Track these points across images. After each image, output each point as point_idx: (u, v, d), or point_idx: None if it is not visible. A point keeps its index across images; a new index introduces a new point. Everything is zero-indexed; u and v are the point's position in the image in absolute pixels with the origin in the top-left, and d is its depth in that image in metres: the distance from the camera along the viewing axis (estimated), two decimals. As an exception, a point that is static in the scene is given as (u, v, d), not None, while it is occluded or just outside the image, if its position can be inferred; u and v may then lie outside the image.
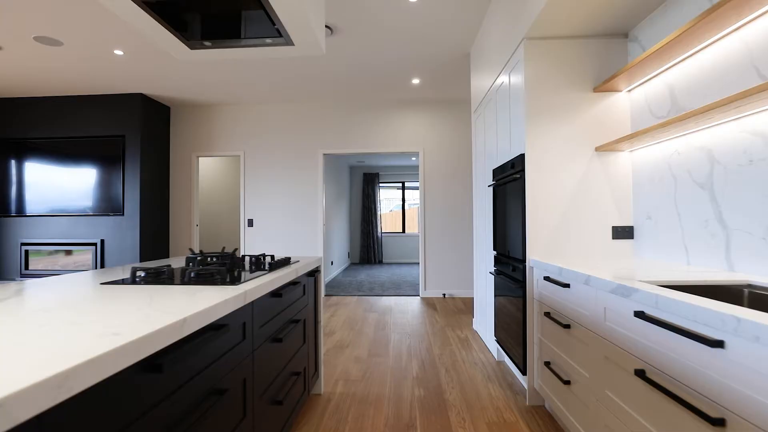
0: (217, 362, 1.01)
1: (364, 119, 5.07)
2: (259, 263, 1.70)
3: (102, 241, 4.69)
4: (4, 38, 3.30)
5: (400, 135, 5.06)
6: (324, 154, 5.10)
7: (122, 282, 1.27)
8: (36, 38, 3.29)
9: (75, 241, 4.72)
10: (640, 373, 1.09)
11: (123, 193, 4.66)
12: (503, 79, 2.48)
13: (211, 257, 1.64)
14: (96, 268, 4.70)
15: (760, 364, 0.74)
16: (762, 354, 0.74)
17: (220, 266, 1.38)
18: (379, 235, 9.09)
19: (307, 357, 1.96)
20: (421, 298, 4.95)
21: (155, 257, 4.96)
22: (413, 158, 8.37)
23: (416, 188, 9.36)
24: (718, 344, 0.83)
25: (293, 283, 1.70)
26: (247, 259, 2.20)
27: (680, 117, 1.44)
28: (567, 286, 1.60)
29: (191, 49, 2.20)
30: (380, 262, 9.09)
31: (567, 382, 1.60)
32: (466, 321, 3.78)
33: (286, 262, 1.81)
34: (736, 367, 0.80)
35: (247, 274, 1.44)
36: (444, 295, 4.96)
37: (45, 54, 3.59)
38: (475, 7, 2.85)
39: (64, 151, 4.72)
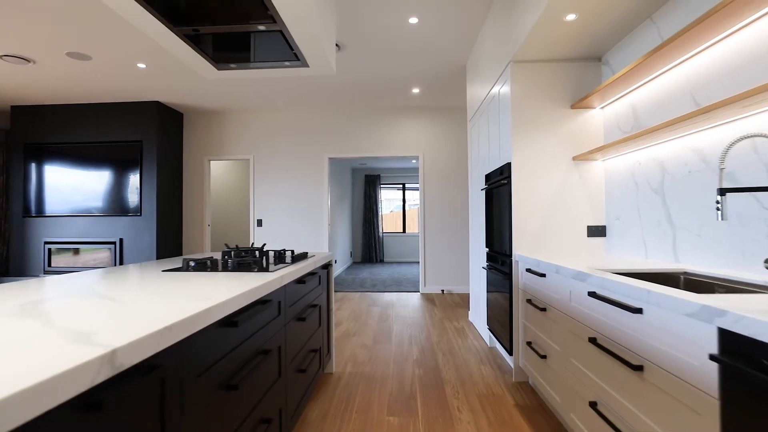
0: (263, 329, 1.31)
1: (367, 125, 5.37)
2: (281, 256, 2.00)
3: (121, 240, 4.99)
4: (38, 53, 3.60)
5: (401, 140, 5.36)
6: (329, 158, 5.40)
7: (179, 270, 1.57)
8: (68, 54, 3.59)
9: (95, 240, 5.01)
10: (593, 340, 1.39)
11: (140, 194, 4.96)
12: (494, 93, 2.78)
13: (244, 251, 1.94)
14: (115, 266, 4.99)
15: (662, 322, 1.04)
16: (665, 316, 1.04)
17: (254, 258, 1.68)
18: (381, 234, 9.38)
19: (322, 338, 2.25)
20: (421, 293, 5.25)
21: (170, 255, 5.25)
22: (413, 161, 8.68)
23: (416, 189, 9.65)
24: (638, 311, 1.13)
25: (312, 273, 2.00)
26: (271, 253, 2.49)
27: (637, 134, 1.73)
28: (543, 275, 1.90)
29: (218, 69, 2.51)
30: (381, 261, 9.39)
31: (543, 357, 1.90)
32: (463, 314, 4.08)
33: (304, 256, 2.10)
34: (650, 327, 1.10)
35: (276, 264, 1.73)
36: (442, 291, 5.26)
37: (74, 67, 3.89)
38: (469, 27, 3.15)
39: (84, 155, 5.01)
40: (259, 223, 5.43)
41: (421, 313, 4.12)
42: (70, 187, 5.03)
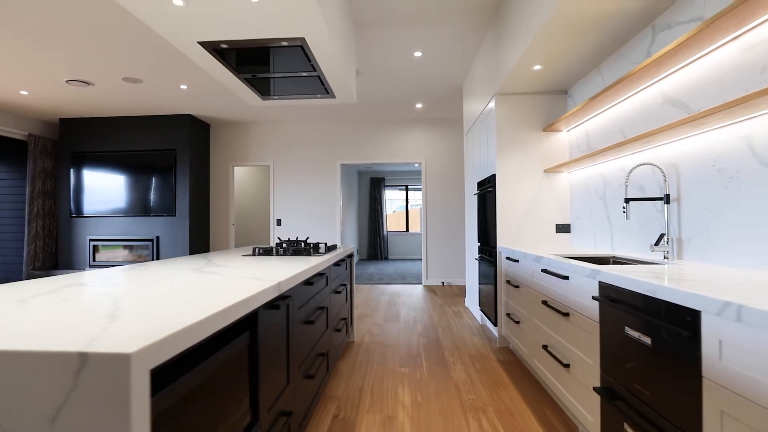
0: (320, 293, 1.94)
1: (375, 135, 6.00)
2: (317, 247, 2.62)
3: (157, 238, 5.63)
4: (97, 77, 4.24)
5: (405, 147, 5.99)
6: (341, 164, 6.03)
7: (252, 255, 2.20)
8: (124, 78, 4.23)
9: (135, 237, 5.66)
10: (545, 302, 2.02)
11: (175, 197, 5.60)
12: (483, 116, 3.41)
13: (293, 242, 2.56)
14: (153, 260, 5.63)
15: (577, 282, 1.67)
16: (578, 279, 1.67)
17: (303, 247, 2.30)
18: (385, 233, 10.02)
19: (348, 311, 2.89)
20: (424, 285, 5.88)
21: (201, 251, 5.90)
22: (416, 164, 9.31)
23: (418, 189, 10.28)
24: (566, 278, 1.76)
25: (342, 260, 2.63)
26: (311, 244, 3.11)
27: (587, 155, 2.36)
28: (517, 261, 2.53)
29: (263, 99, 3.14)
30: (386, 258, 10.02)
31: (517, 322, 2.53)
32: (460, 301, 4.71)
33: (335, 247, 2.73)
34: (571, 287, 1.73)
35: (319, 251, 2.36)
36: (443, 283, 5.89)
37: (127, 89, 4.54)
38: (465, 57, 3.78)
39: (124, 161, 5.66)
40: (279, 222, 6.07)
41: (423, 301, 4.75)
42: (111, 190, 5.68)
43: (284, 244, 2.49)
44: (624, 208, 1.89)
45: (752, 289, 1.02)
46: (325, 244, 2.71)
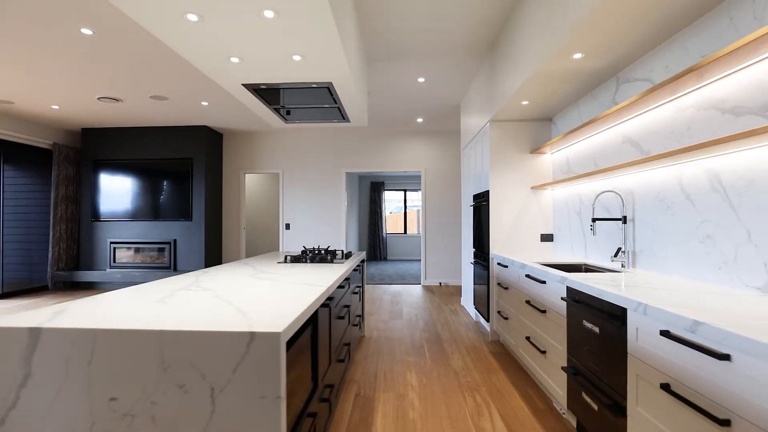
0: (345, 294, 2.37)
1: (378, 145, 6.43)
2: (334, 254, 3.05)
3: (174, 241, 6.02)
4: (126, 94, 4.62)
5: (406, 157, 6.43)
6: (346, 173, 6.45)
7: (284, 262, 2.62)
8: (152, 96, 4.62)
9: (153, 240, 6.04)
10: (527, 302, 2.47)
11: (191, 202, 5.99)
12: (479, 138, 3.85)
13: (315, 251, 2.99)
14: (170, 263, 6.02)
15: (552, 286, 2.12)
16: (552, 284, 2.11)
17: (325, 255, 2.73)
18: (384, 235, 10.46)
19: (361, 309, 3.33)
20: (422, 285, 6.33)
21: (215, 254, 6.30)
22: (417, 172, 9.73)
23: (415, 190, 10.73)
24: (543, 282, 2.21)
25: (358, 265, 3.07)
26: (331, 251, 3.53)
27: (566, 178, 2.81)
28: (506, 267, 2.98)
29: (286, 123, 3.56)
30: (385, 258, 10.46)
31: (506, 318, 2.98)
32: (456, 300, 5.16)
33: (351, 254, 3.16)
34: (547, 290, 2.18)
35: (336, 258, 2.79)
36: (440, 283, 6.34)
37: (153, 105, 4.92)
38: (463, 83, 4.22)
39: (143, 169, 6.04)
40: (288, 226, 6.48)
41: (423, 300, 5.20)
42: (130, 196, 6.06)
43: (309, 253, 2.92)
44: (591, 225, 2.35)
45: (661, 293, 1.47)
46: (343, 251, 3.14)
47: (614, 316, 1.51)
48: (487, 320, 3.46)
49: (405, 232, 10.74)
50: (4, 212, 5.44)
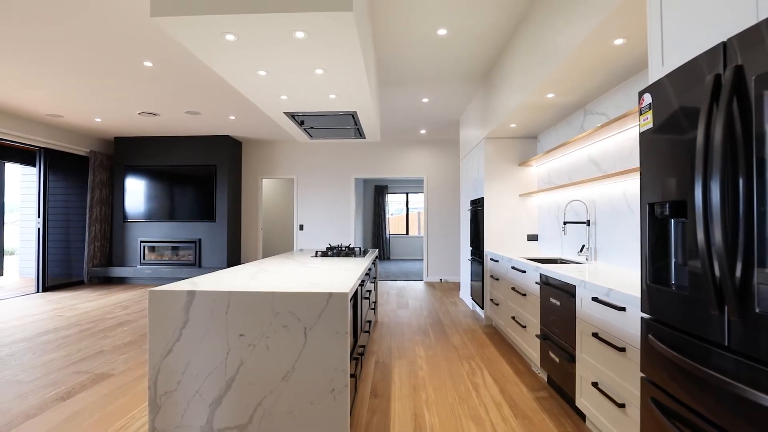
0: (367, 282, 2.97)
1: (385, 153, 7.04)
2: (354, 251, 3.65)
3: (199, 240, 6.62)
4: (162, 109, 5.22)
5: (410, 164, 7.04)
6: (355, 178, 7.06)
7: (315, 256, 3.22)
8: (186, 112, 5.23)
9: (180, 239, 6.63)
10: (513, 289, 3.08)
11: (214, 205, 6.59)
12: (475, 152, 4.46)
13: (338, 248, 3.58)
14: (196, 260, 6.62)
15: (531, 275, 2.73)
16: (531, 272, 2.72)
17: (348, 251, 3.32)
18: (387, 236, 11.06)
19: (375, 297, 3.93)
20: (425, 282, 6.93)
21: (235, 252, 6.89)
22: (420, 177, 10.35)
23: (417, 193, 11.34)
24: (524, 272, 2.82)
25: (374, 260, 3.67)
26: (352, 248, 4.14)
27: (547, 188, 3.42)
28: (497, 261, 3.59)
29: (311, 139, 4.17)
30: (388, 258, 11.06)
31: (497, 304, 3.59)
32: (456, 294, 5.76)
33: (367, 251, 3.76)
34: (527, 278, 2.78)
35: (355, 253, 3.39)
36: (441, 279, 6.95)
37: (186, 119, 5.53)
38: (462, 102, 4.84)
39: (171, 174, 6.63)
40: (301, 227, 7.08)
41: (426, 294, 5.80)
42: (158, 199, 6.65)
43: (333, 249, 3.52)
44: (563, 227, 2.96)
45: (602, 275, 2.08)
46: (360, 248, 3.74)
47: (568, 292, 2.12)
48: (482, 308, 4.07)
49: (407, 233, 11.34)
50: (48, 214, 6.03)
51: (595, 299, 1.81)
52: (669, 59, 1.29)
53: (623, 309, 1.60)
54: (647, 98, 1.30)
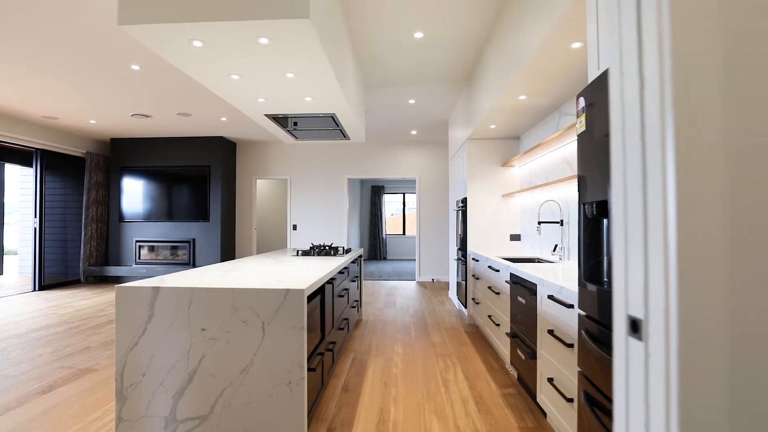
0: (344, 280, 3.03)
1: (377, 153, 7.10)
2: (337, 249, 3.71)
3: (194, 240, 6.71)
4: (155, 112, 5.31)
5: (402, 164, 7.10)
6: (348, 178, 7.12)
7: (296, 255, 3.29)
8: (178, 113, 5.32)
9: (174, 239, 6.73)
10: (489, 288, 3.12)
11: (208, 205, 6.68)
12: (460, 152, 4.51)
13: (321, 247, 3.64)
14: (191, 260, 6.71)
15: (503, 273, 2.78)
16: (504, 271, 2.77)
17: (329, 250, 3.38)
18: (384, 236, 11.11)
19: (359, 296, 3.99)
20: (417, 281, 6.98)
21: (229, 251, 6.98)
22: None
23: (415, 193, 11.39)
24: (498, 271, 2.87)
25: (355, 259, 3.73)
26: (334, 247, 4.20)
27: (527, 188, 3.46)
28: (478, 261, 3.63)
29: (296, 140, 4.24)
30: (385, 258, 11.11)
31: (478, 303, 3.63)
32: (445, 293, 5.81)
33: (350, 250, 3.82)
34: (500, 277, 2.83)
35: (338, 252, 3.45)
36: (432, 279, 6.99)
37: (178, 120, 5.62)
38: (449, 103, 4.89)
39: (166, 175, 6.73)
40: (295, 227, 7.16)
41: (415, 293, 5.85)
42: (153, 199, 6.75)
43: (316, 248, 3.58)
44: (538, 227, 3.00)
45: (565, 274, 2.13)
46: (343, 247, 3.80)
47: (531, 290, 2.17)
48: (464, 306, 4.11)
49: (404, 233, 11.39)
50: (45, 214, 6.15)
51: (550, 297, 1.86)
52: (603, 62, 1.34)
53: (572, 306, 1.65)
54: (581, 101, 1.35)
